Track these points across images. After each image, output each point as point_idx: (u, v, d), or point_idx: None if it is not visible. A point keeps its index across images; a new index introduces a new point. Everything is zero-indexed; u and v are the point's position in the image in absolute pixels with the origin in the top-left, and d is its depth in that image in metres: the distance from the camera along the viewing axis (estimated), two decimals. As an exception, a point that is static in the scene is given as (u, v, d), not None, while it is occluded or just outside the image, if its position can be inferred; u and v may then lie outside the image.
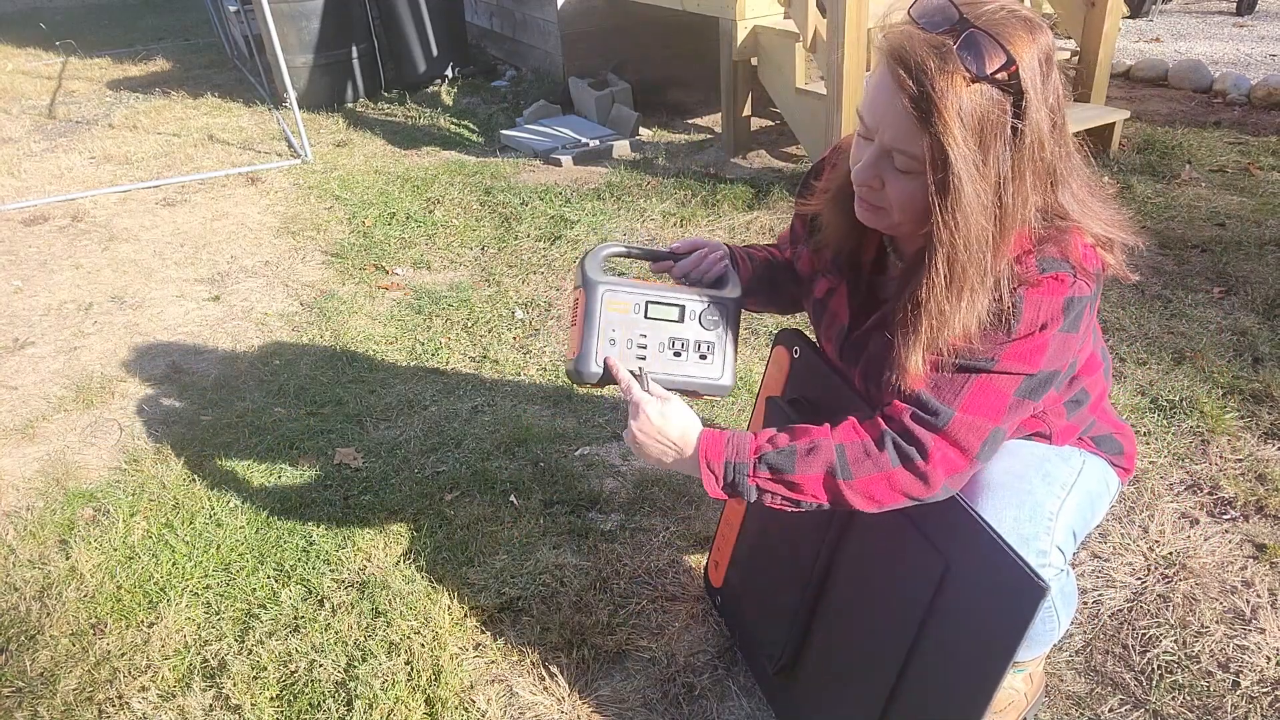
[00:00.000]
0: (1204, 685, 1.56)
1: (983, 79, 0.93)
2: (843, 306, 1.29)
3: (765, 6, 4.05)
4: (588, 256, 1.25)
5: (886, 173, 1.04)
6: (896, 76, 0.95)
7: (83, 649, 1.77)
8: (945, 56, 0.92)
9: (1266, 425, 2.18)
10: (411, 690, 1.63)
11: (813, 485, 1.12)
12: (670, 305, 1.26)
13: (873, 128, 1.02)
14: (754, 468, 1.14)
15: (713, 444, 1.16)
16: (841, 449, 1.11)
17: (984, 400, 1.07)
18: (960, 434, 1.08)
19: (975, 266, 1.00)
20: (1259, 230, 3.14)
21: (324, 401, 2.56)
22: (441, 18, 5.77)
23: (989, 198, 0.97)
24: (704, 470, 1.16)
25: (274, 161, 4.65)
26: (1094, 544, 1.87)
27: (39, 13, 9.63)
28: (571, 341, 1.26)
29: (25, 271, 3.53)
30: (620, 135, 4.66)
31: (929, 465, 1.08)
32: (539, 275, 3.27)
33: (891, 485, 1.10)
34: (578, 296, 1.26)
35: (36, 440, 2.47)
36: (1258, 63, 5.19)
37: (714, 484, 1.16)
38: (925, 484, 1.09)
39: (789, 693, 1.49)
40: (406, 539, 2.01)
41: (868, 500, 1.11)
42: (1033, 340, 1.04)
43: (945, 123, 0.93)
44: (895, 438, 1.09)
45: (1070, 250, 1.03)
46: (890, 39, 0.96)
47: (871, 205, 1.10)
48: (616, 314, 1.22)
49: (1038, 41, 0.95)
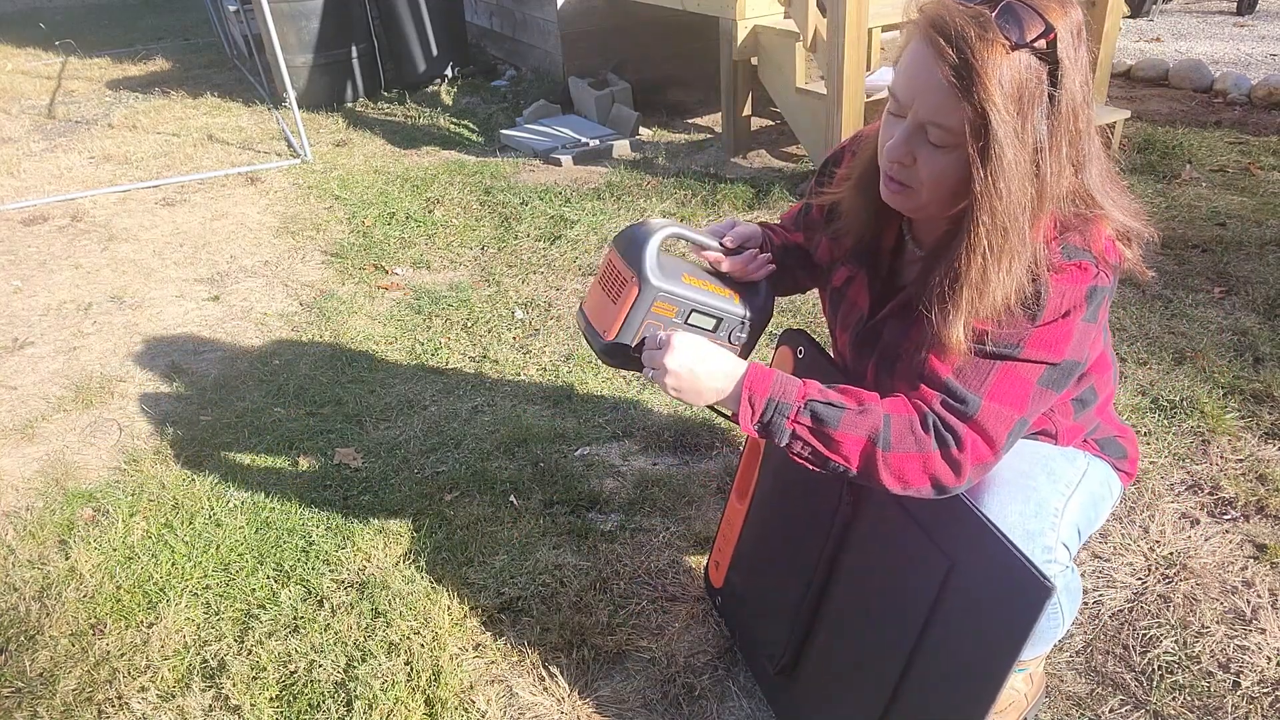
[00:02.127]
0: (1204, 685, 1.56)
1: (1022, 46, 0.94)
2: (862, 294, 1.29)
3: (765, 6, 4.05)
4: (649, 242, 1.18)
5: (919, 148, 1.04)
6: (936, 46, 0.96)
7: (82, 649, 1.76)
8: (985, 25, 0.94)
9: (1267, 425, 2.18)
10: (411, 691, 1.63)
11: (851, 447, 1.09)
12: (711, 316, 1.24)
13: (906, 103, 1.03)
14: (797, 411, 1.11)
15: (759, 377, 1.13)
16: (889, 419, 1.09)
17: (1009, 388, 1.07)
18: (989, 424, 1.07)
19: (1016, 234, 1.01)
20: (1259, 230, 3.14)
21: (323, 401, 2.56)
22: (441, 17, 5.77)
23: (1028, 165, 0.98)
24: (743, 402, 1.13)
25: (273, 161, 4.65)
26: (1094, 544, 1.87)
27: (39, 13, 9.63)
28: (607, 319, 1.22)
29: (25, 271, 3.53)
30: (620, 135, 4.66)
31: (962, 455, 1.07)
32: (539, 275, 3.27)
33: (925, 468, 1.08)
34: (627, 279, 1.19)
35: (36, 440, 2.47)
36: (1258, 62, 5.19)
37: (749, 418, 1.12)
38: (956, 474, 1.08)
39: (790, 693, 1.48)
40: (406, 539, 2.01)
41: (895, 479, 1.09)
42: (1057, 327, 1.05)
43: (987, 90, 0.94)
44: (938, 420, 1.08)
45: (1093, 241, 1.04)
46: (927, 11, 0.98)
47: (900, 185, 1.09)
48: (660, 314, 1.21)
49: (1069, 14, 0.97)
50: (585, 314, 1.27)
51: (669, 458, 2.23)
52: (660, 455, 2.25)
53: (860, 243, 1.28)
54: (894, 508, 1.23)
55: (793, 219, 1.50)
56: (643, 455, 2.25)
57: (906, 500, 1.20)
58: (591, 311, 1.26)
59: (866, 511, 1.30)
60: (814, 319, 2.81)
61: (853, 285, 1.31)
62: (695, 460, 2.21)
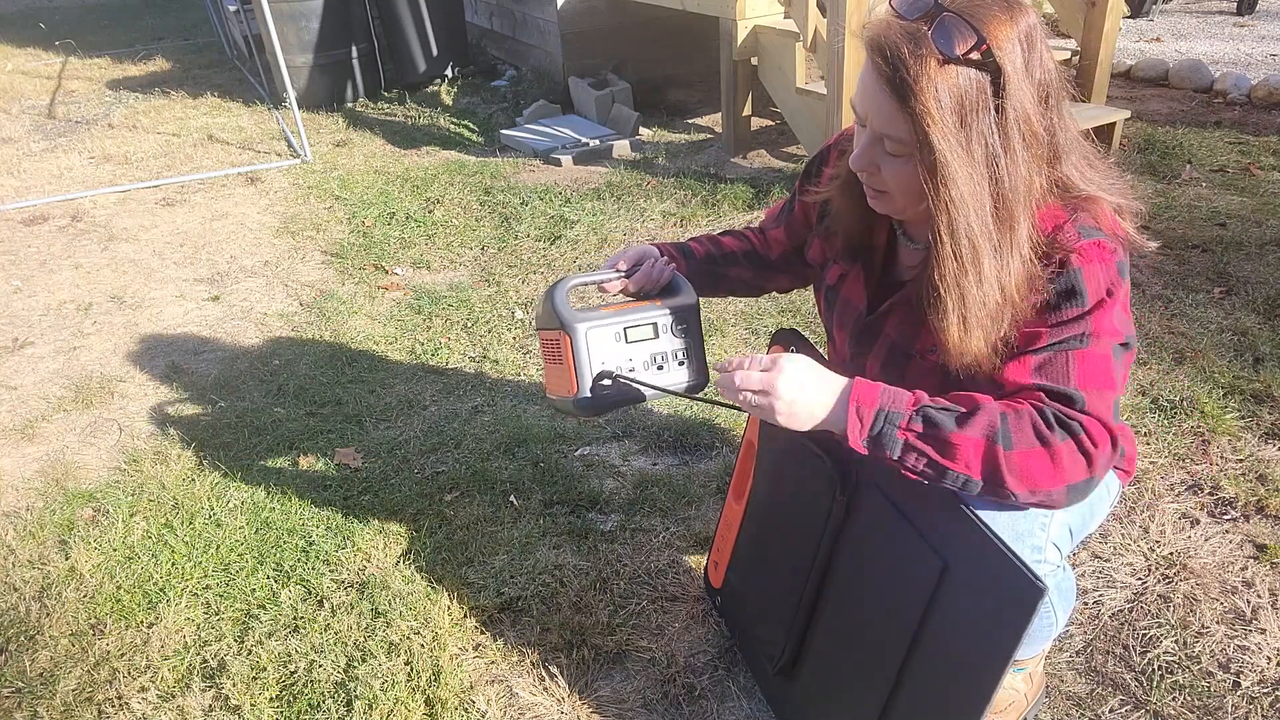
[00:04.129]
0: (1204, 686, 1.56)
1: (954, 60, 0.96)
2: (857, 292, 1.30)
3: (765, 6, 4.05)
4: (554, 298, 1.31)
5: (880, 158, 1.08)
6: (875, 64, 1.00)
7: (82, 649, 1.76)
8: (919, 41, 0.96)
9: (1267, 425, 2.18)
10: (411, 691, 1.63)
11: (969, 450, 1.02)
12: (644, 325, 1.33)
13: (863, 116, 1.06)
14: (909, 419, 1.05)
15: (867, 390, 1.07)
16: (1005, 416, 1.03)
17: (1095, 372, 1.05)
18: (1098, 409, 1.04)
19: (983, 238, 1.02)
20: (1259, 230, 3.14)
21: (324, 401, 2.56)
22: (441, 17, 5.77)
23: (980, 175, 1.00)
24: (851, 415, 1.06)
25: (274, 161, 4.65)
26: (1094, 544, 1.87)
27: (39, 13, 9.63)
28: (564, 381, 1.33)
29: (25, 271, 3.53)
30: (620, 135, 4.66)
31: (1094, 446, 1.02)
32: (539, 275, 3.27)
33: (1055, 463, 1.01)
34: (558, 339, 1.31)
35: (36, 440, 2.47)
36: (1258, 62, 5.19)
37: (858, 433, 1.06)
38: (1090, 466, 1.03)
39: (789, 693, 1.48)
40: (406, 539, 2.01)
41: (1022, 480, 1.02)
42: (1108, 307, 1.05)
43: (923, 104, 0.96)
44: (1057, 413, 1.03)
45: (1101, 219, 1.06)
46: (870, 29, 1.01)
47: (876, 191, 1.13)
48: (601, 347, 1.30)
49: (1016, 21, 0.98)
50: (550, 395, 1.39)
51: (669, 458, 2.23)
52: (660, 455, 2.25)
53: (851, 241, 1.30)
54: (887, 508, 1.23)
55: (774, 217, 1.53)
56: (643, 455, 2.25)
57: (900, 501, 1.20)
58: (551, 386, 1.38)
59: (860, 512, 1.30)
60: (814, 319, 2.81)
61: (847, 283, 1.32)
62: (695, 460, 2.21)
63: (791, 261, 1.52)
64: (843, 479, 1.29)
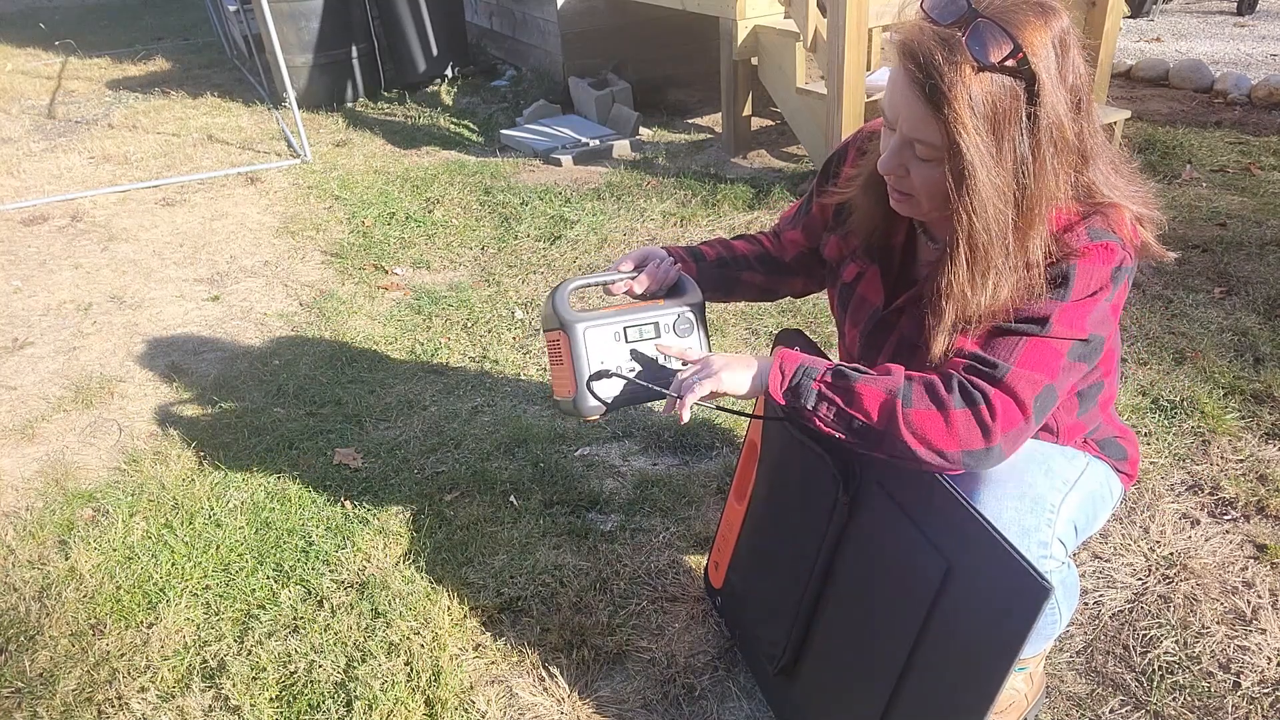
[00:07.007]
0: (1205, 686, 1.56)
1: (989, 68, 0.95)
2: (874, 289, 1.30)
3: (765, 6, 4.05)
4: (555, 298, 1.33)
5: (910, 162, 1.07)
6: (907, 70, 0.99)
7: (82, 649, 1.76)
8: (953, 48, 0.95)
9: (1267, 425, 2.18)
10: (411, 691, 1.62)
11: (870, 399, 1.10)
12: (645, 324, 1.33)
13: (892, 120, 1.06)
14: (824, 373, 1.14)
15: (791, 353, 1.19)
16: (910, 380, 1.11)
17: (1039, 358, 1.07)
18: (1018, 385, 1.06)
19: (998, 249, 1.02)
20: (1260, 230, 3.14)
21: (323, 401, 2.56)
22: (441, 17, 5.77)
23: (1007, 183, 0.99)
24: (774, 369, 1.17)
25: (273, 161, 4.65)
26: (1094, 544, 1.87)
27: (39, 13, 9.63)
28: (564, 381, 1.33)
29: (25, 271, 3.53)
30: (620, 135, 4.66)
31: (992, 418, 1.05)
32: (539, 275, 3.27)
33: (950, 427, 1.06)
34: (557, 339, 1.33)
35: (36, 440, 2.47)
36: (1258, 62, 5.19)
37: (779, 384, 1.16)
38: (985, 437, 1.06)
39: (789, 694, 1.48)
40: (406, 539, 2.00)
41: (916, 439, 1.07)
42: (1084, 305, 1.06)
43: (956, 113, 0.95)
44: (963, 381, 1.08)
45: (1117, 225, 1.06)
46: (901, 34, 0.99)
47: (901, 194, 1.13)
48: (600, 346, 1.30)
49: (1050, 25, 0.97)
50: (555, 396, 1.40)
51: (669, 458, 2.23)
52: (660, 455, 2.25)
53: (871, 240, 1.29)
54: (891, 508, 1.23)
55: (789, 219, 1.51)
56: (643, 455, 2.25)
57: (903, 501, 1.20)
58: (556, 387, 1.39)
59: (863, 512, 1.30)
60: (814, 319, 2.81)
61: (863, 281, 1.32)
62: (695, 460, 2.21)
63: (806, 263, 1.51)
64: (846, 479, 1.29)
